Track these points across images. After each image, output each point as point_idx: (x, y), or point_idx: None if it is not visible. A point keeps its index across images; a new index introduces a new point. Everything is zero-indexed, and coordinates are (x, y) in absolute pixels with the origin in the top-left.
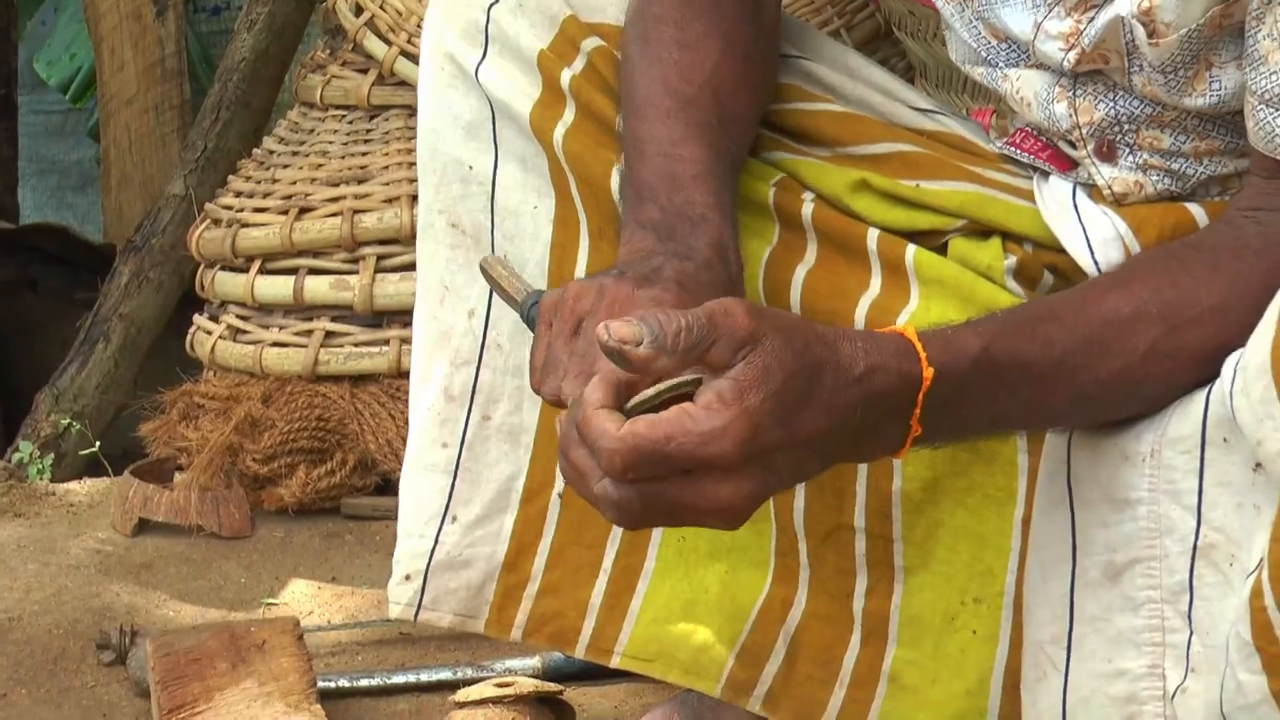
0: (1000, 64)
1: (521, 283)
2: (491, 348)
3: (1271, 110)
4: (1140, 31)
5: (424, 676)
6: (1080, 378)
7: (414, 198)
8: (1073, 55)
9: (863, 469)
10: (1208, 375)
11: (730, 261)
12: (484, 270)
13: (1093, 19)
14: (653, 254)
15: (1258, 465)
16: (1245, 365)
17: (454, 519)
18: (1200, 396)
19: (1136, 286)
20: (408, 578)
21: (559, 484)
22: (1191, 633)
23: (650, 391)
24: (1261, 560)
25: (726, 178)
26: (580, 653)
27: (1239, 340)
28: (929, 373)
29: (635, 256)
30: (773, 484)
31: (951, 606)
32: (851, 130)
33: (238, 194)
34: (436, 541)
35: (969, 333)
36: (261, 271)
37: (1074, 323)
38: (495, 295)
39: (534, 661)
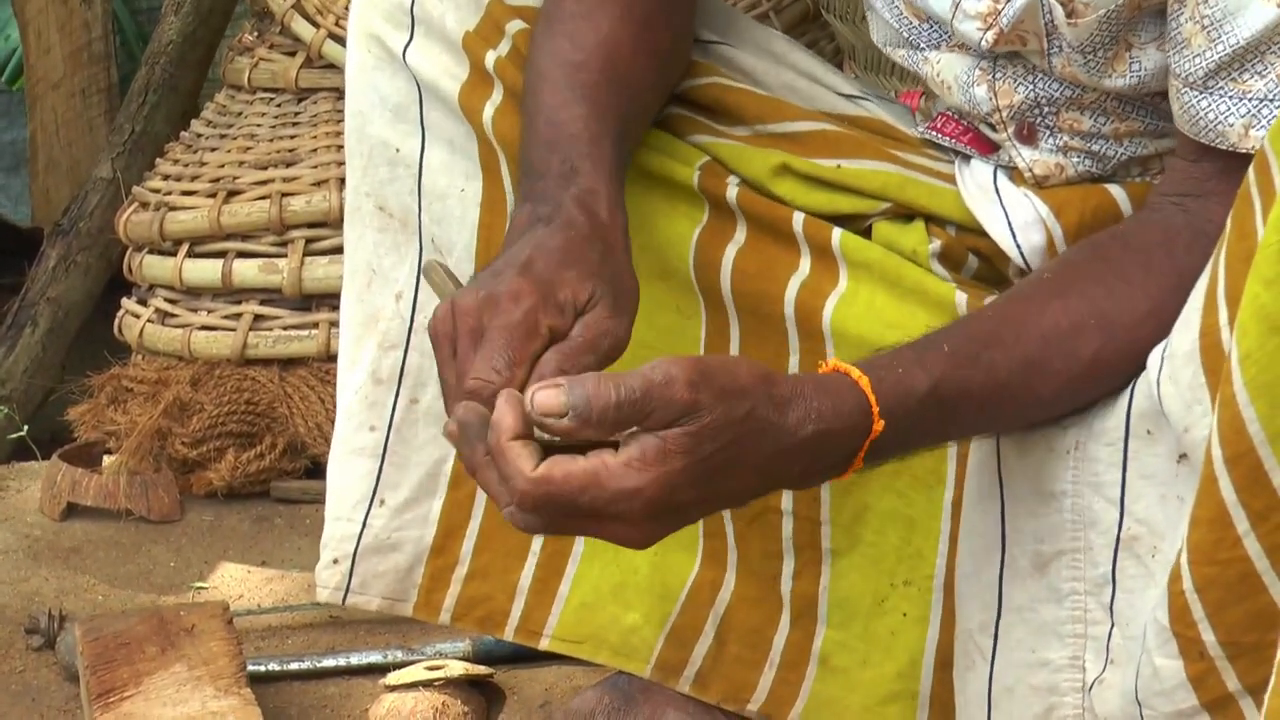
0: (922, 45)
1: (458, 287)
2: (419, 331)
3: (1195, 93)
4: (1059, 12)
5: (354, 660)
6: (1023, 398)
7: (343, 181)
8: (990, 35)
9: None
10: (1137, 372)
11: (599, 210)
12: (425, 275)
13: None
14: (523, 227)
15: (1182, 456)
16: (1172, 353)
17: (382, 502)
18: (1124, 391)
19: (1074, 299)
20: (335, 561)
21: None
22: (1113, 624)
23: None
24: (1181, 545)
25: (609, 129)
26: (509, 635)
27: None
28: (879, 425)
29: (511, 236)
30: (683, 523)
31: (881, 589)
32: (770, 108)
33: (165, 177)
34: (364, 525)
35: (918, 371)
36: (189, 255)
37: (1015, 343)
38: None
39: (464, 645)
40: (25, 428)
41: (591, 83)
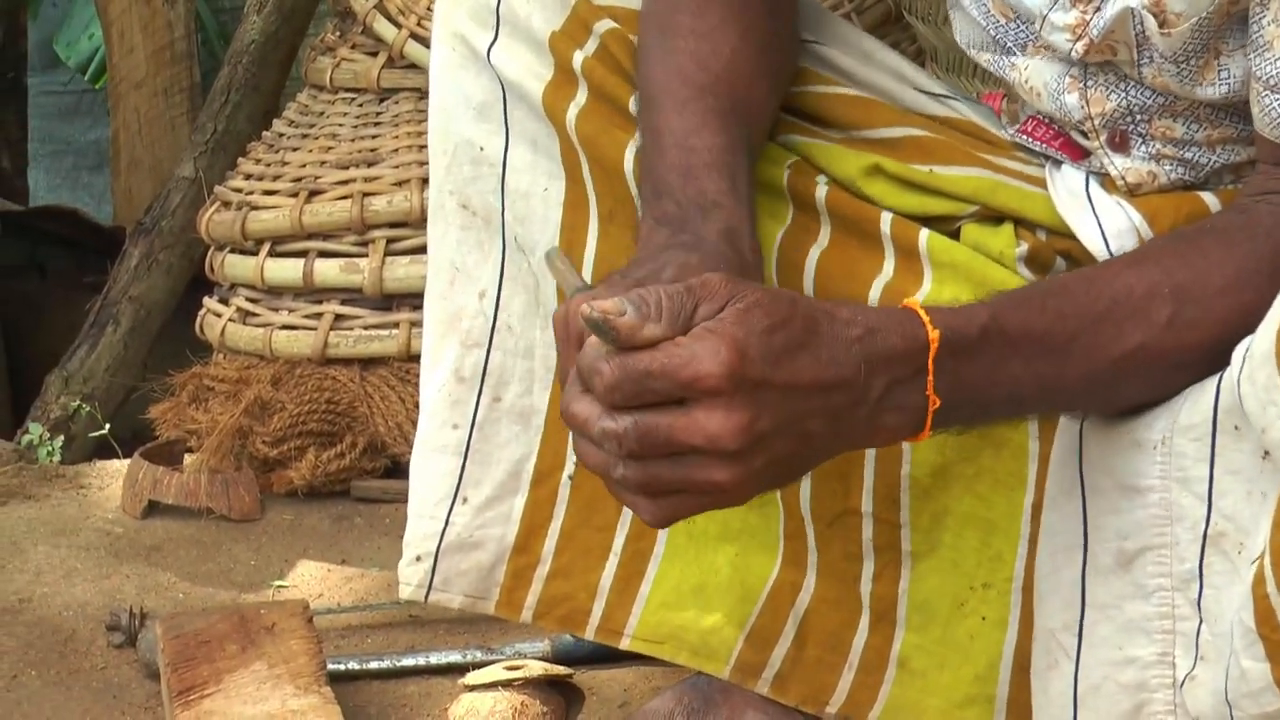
0: (1009, 46)
1: (576, 279)
2: (502, 330)
3: (1276, 96)
4: (1151, 22)
5: (433, 659)
6: (1093, 355)
7: (424, 181)
8: (1080, 46)
9: (871, 453)
10: (1221, 360)
11: (744, 248)
12: (547, 261)
13: (1099, 9)
14: (663, 248)
15: (1265, 453)
16: (1252, 353)
17: (464, 500)
18: (1211, 384)
19: (1149, 266)
20: (418, 559)
21: (569, 466)
22: (1201, 621)
23: None
24: (1264, 548)
25: (742, 164)
26: (590, 635)
27: (1251, 320)
28: (935, 334)
29: (645, 254)
30: (768, 426)
31: (960, 592)
32: (865, 114)
33: (247, 176)
34: (447, 523)
35: (976, 305)
36: (271, 254)
37: (1086, 299)
38: (504, 280)
39: (543, 645)
40: (107, 426)
41: (722, 110)
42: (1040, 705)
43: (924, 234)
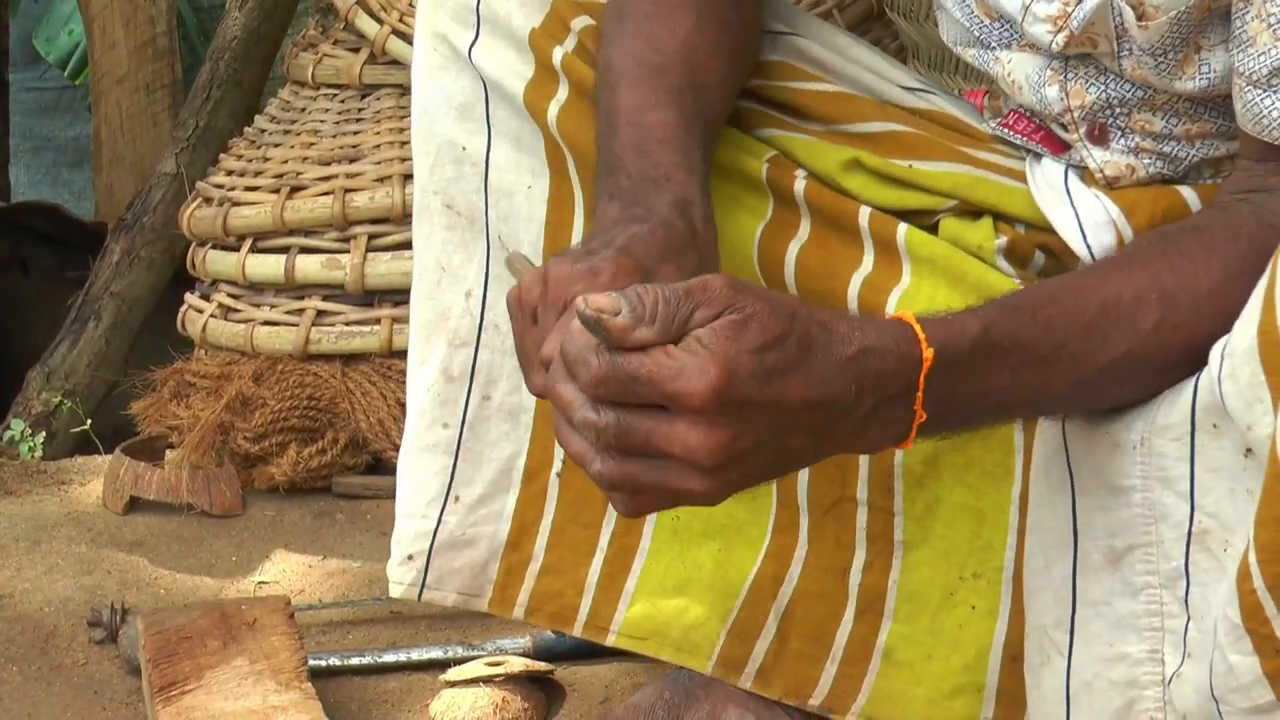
0: (992, 44)
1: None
2: (489, 328)
3: (1259, 91)
4: (1129, 14)
5: (414, 655)
6: (1081, 363)
7: (405, 177)
8: (1061, 38)
9: None
10: (1201, 362)
11: (695, 218)
12: (509, 266)
13: (1080, 1)
14: (616, 222)
15: (1248, 451)
16: (1232, 350)
17: (457, 499)
18: (1189, 384)
19: (1135, 272)
20: (410, 558)
21: (558, 463)
22: (1189, 618)
23: None
24: (1248, 543)
25: (696, 139)
26: (578, 631)
27: (1234, 321)
28: (929, 353)
29: (598, 228)
30: (749, 444)
31: (950, 582)
32: (843, 108)
33: (229, 173)
34: (439, 521)
35: (968, 316)
36: (253, 250)
37: (1074, 307)
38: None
39: (524, 641)
40: (89, 422)
41: (676, 88)
42: (1034, 701)
43: (902, 228)
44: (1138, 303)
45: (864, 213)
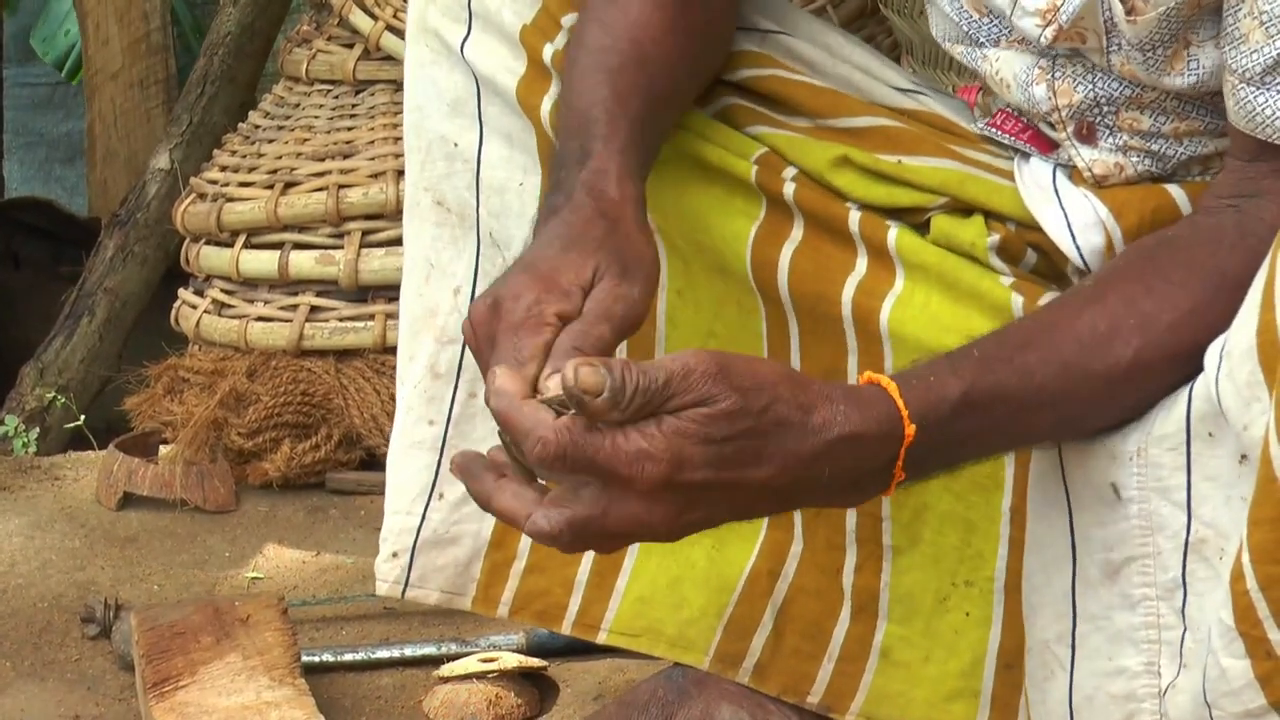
0: (981, 40)
1: None
2: None
3: (1252, 89)
4: (1118, 9)
5: (408, 651)
6: (1063, 404)
7: (399, 173)
8: (1050, 32)
9: None
10: (1191, 374)
11: (607, 188)
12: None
13: None
14: (543, 220)
15: (1243, 457)
16: (1230, 351)
17: (441, 496)
18: (1184, 393)
19: (1110, 300)
20: (395, 555)
21: None
22: (1185, 629)
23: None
24: (1241, 544)
25: (626, 110)
26: (567, 629)
27: (1218, 334)
28: (910, 429)
29: (536, 230)
30: (697, 517)
31: (942, 587)
32: (831, 103)
33: (223, 168)
34: (424, 519)
35: (950, 377)
36: (246, 246)
37: (1050, 346)
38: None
39: (518, 637)
40: (82, 417)
41: (615, 66)
42: (1039, 716)
43: (893, 233)
44: (1114, 332)
45: (854, 217)
